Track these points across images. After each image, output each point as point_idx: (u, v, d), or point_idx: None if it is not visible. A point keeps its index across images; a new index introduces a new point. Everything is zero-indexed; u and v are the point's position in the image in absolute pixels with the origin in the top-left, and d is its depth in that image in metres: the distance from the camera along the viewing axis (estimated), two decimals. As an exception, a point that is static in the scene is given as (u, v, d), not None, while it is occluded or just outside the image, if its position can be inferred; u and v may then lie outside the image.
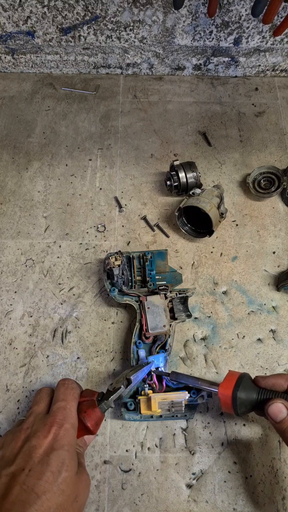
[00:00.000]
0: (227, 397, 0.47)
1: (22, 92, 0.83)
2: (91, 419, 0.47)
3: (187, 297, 0.60)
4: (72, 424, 0.45)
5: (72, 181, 0.74)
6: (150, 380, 0.54)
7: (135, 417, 0.54)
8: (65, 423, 0.44)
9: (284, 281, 0.63)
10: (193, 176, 0.68)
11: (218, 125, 0.80)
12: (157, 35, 0.77)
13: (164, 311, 0.57)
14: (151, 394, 0.53)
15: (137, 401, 0.53)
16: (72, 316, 0.63)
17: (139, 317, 0.58)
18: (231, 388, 0.47)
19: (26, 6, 0.72)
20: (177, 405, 0.52)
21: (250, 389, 0.48)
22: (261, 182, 0.71)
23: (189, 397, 0.53)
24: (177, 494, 0.53)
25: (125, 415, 0.54)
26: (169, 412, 0.53)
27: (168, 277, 0.63)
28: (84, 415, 0.46)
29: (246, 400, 0.47)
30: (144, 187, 0.74)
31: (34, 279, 0.65)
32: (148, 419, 0.55)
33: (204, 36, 0.77)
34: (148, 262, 0.62)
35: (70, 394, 0.47)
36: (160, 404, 0.52)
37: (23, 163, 0.76)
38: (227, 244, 0.68)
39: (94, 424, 0.47)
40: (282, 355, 0.60)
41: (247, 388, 0.48)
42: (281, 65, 0.83)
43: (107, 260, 0.59)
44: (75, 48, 0.80)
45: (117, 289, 0.60)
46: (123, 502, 0.52)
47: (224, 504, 0.52)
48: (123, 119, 0.80)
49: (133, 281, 0.62)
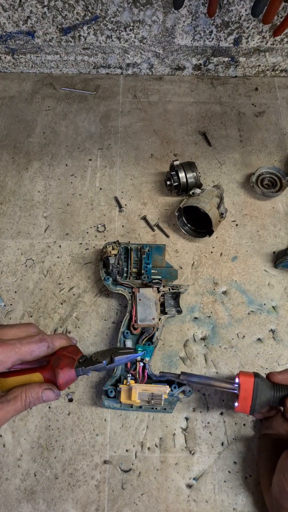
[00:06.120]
0: (248, 385, 0.49)
1: (22, 92, 0.83)
2: (63, 377, 0.46)
3: (179, 293, 0.61)
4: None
5: (72, 181, 0.74)
6: (134, 371, 0.54)
7: (114, 405, 0.55)
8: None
9: (282, 257, 0.64)
10: (193, 176, 0.68)
11: (218, 125, 0.80)
12: (157, 35, 0.77)
13: (155, 304, 0.58)
14: (133, 384, 0.53)
15: (118, 389, 0.54)
16: (72, 316, 0.63)
17: (129, 308, 0.59)
18: (252, 377, 0.49)
19: (26, 6, 0.72)
20: (157, 398, 0.53)
21: (267, 384, 0.50)
22: (264, 182, 0.72)
23: (170, 391, 0.54)
24: (177, 494, 0.53)
25: (104, 402, 0.54)
26: (148, 404, 0.54)
27: (164, 272, 0.63)
28: (59, 371, 0.46)
29: (266, 393, 0.49)
30: (144, 187, 0.74)
31: (34, 279, 0.65)
32: (127, 409, 0.55)
33: (204, 36, 0.77)
34: (145, 255, 0.62)
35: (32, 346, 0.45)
36: (140, 394, 0.53)
37: (23, 163, 0.76)
38: (227, 244, 0.68)
39: (64, 383, 0.46)
40: (282, 355, 0.60)
41: (265, 382, 0.50)
42: (281, 65, 0.83)
43: (104, 249, 0.60)
44: (75, 48, 0.80)
45: (111, 278, 0.60)
46: (123, 502, 0.52)
47: (224, 504, 0.52)
48: (123, 119, 0.80)
49: (128, 272, 0.63)
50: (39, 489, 0.53)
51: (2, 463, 0.54)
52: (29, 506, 0.52)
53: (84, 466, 0.54)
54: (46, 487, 0.53)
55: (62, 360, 0.47)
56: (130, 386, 0.53)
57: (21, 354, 0.44)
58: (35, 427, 0.56)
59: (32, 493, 0.53)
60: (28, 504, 0.52)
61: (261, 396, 0.49)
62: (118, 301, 0.64)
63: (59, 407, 0.57)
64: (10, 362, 0.43)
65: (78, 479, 0.53)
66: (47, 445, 0.55)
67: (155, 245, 0.64)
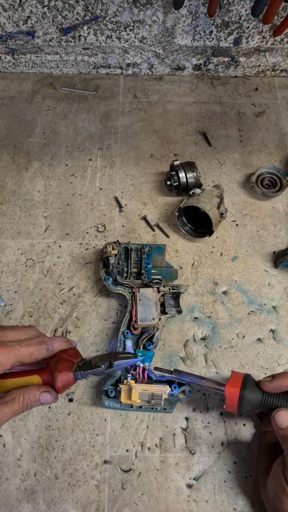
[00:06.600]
0: (234, 396, 0.49)
1: (22, 92, 0.83)
2: (62, 381, 0.46)
3: (179, 293, 0.61)
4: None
5: (72, 181, 0.74)
6: (134, 371, 0.55)
7: (115, 404, 0.55)
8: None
9: (282, 257, 0.64)
10: (193, 176, 0.68)
11: (218, 125, 0.80)
12: (157, 35, 0.77)
13: (155, 304, 0.58)
14: (133, 384, 0.53)
15: (118, 389, 0.54)
16: (72, 316, 0.63)
17: (129, 308, 0.59)
18: (238, 388, 0.49)
19: (26, 6, 0.72)
20: (157, 398, 0.53)
21: (256, 391, 0.49)
22: (264, 182, 0.72)
23: (170, 391, 0.54)
24: (177, 494, 0.53)
25: (105, 402, 0.54)
26: (148, 404, 0.54)
27: (164, 272, 0.63)
28: (58, 375, 0.46)
29: (252, 401, 0.49)
30: (144, 187, 0.74)
31: (34, 279, 0.65)
32: (127, 409, 0.55)
33: (204, 36, 0.77)
34: (145, 255, 0.62)
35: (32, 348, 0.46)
36: (140, 395, 0.53)
37: (23, 163, 0.76)
38: (227, 244, 0.68)
39: (62, 386, 0.46)
40: (282, 355, 0.60)
41: (253, 390, 0.49)
42: (281, 65, 0.83)
43: (104, 249, 0.60)
44: (75, 48, 0.80)
45: (111, 278, 0.61)
46: (123, 502, 0.52)
47: (224, 504, 0.52)
48: (123, 119, 0.80)
49: (128, 272, 0.63)
50: (39, 489, 0.53)
51: (2, 463, 0.54)
52: (29, 506, 0.52)
53: (84, 466, 0.54)
54: (46, 487, 0.53)
55: (61, 363, 0.47)
56: (130, 386, 0.53)
57: (20, 357, 0.44)
58: (35, 427, 0.56)
59: (32, 493, 0.53)
60: (28, 504, 0.52)
61: (246, 406, 0.49)
62: (118, 301, 0.64)
63: (59, 407, 0.57)
64: (9, 364, 0.44)
65: (78, 479, 0.53)
66: (47, 445, 0.55)
67: (155, 245, 0.64)
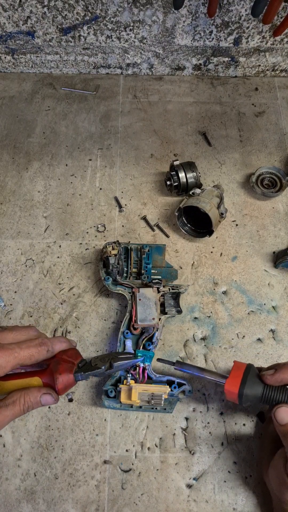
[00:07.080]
0: (233, 394, 0.49)
1: (22, 92, 0.83)
2: (62, 382, 0.46)
3: (179, 293, 0.61)
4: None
5: (72, 181, 0.74)
6: (134, 371, 0.55)
7: (114, 404, 0.55)
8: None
9: (282, 257, 0.64)
10: (193, 176, 0.68)
11: (218, 125, 0.80)
12: (157, 35, 0.77)
13: (155, 304, 0.58)
14: (133, 384, 0.53)
15: (118, 389, 0.54)
16: (72, 316, 0.63)
17: (129, 308, 0.59)
18: (237, 386, 0.48)
19: (26, 6, 0.72)
20: (157, 398, 0.53)
21: (257, 386, 0.49)
22: (264, 182, 0.72)
23: (170, 391, 0.54)
24: (177, 494, 0.53)
25: (104, 402, 0.54)
26: (148, 404, 0.54)
27: (164, 272, 0.63)
28: (58, 376, 0.46)
29: (252, 398, 0.49)
30: (144, 187, 0.74)
31: (34, 279, 0.65)
32: (127, 409, 0.55)
33: (204, 36, 0.77)
34: (145, 255, 0.62)
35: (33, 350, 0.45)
36: (140, 395, 0.53)
37: (23, 163, 0.76)
38: (227, 244, 0.68)
39: (62, 388, 0.46)
40: (282, 355, 0.60)
41: (253, 385, 0.49)
42: (281, 65, 0.83)
43: (104, 249, 0.60)
44: (75, 48, 0.80)
45: (111, 278, 0.61)
46: (123, 502, 0.52)
47: (224, 504, 0.52)
48: (123, 119, 0.80)
49: (128, 272, 0.63)
50: (39, 489, 0.53)
51: (2, 463, 0.54)
52: (29, 506, 0.52)
53: (84, 466, 0.54)
54: (46, 487, 0.53)
55: (61, 365, 0.47)
56: (130, 386, 0.53)
57: (20, 359, 0.44)
58: (35, 427, 0.56)
59: (32, 493, 0.53)
60: (28, 504, 0.52)
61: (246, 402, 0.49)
62: (118, 301, 0.64)
63: (59, 407, 0.57)
64: (9, 367, 0.43)
65: (78, 479, 0.53)
66: (47, 445, 0.55)
67: (155, 245, 0.64)
